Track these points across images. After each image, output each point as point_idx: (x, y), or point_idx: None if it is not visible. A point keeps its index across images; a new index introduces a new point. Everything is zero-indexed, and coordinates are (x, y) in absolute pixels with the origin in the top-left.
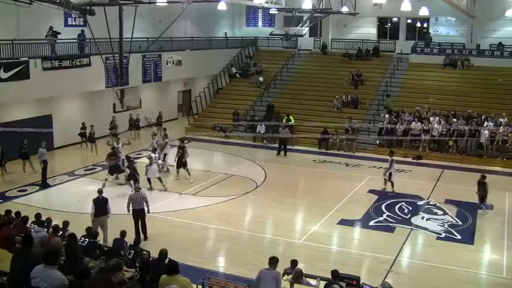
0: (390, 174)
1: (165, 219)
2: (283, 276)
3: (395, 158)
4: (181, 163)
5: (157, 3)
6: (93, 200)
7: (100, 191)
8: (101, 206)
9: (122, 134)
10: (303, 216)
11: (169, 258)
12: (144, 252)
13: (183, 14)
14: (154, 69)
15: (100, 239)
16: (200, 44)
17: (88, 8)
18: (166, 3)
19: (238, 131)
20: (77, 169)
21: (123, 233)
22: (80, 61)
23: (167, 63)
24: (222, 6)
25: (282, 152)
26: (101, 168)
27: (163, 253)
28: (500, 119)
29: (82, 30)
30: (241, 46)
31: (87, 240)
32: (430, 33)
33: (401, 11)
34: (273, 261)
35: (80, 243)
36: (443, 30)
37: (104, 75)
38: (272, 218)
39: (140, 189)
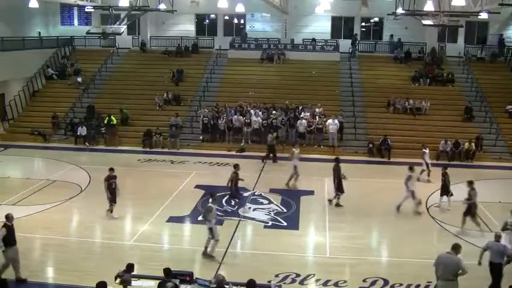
0: None
1: None
2: (115, 280)
3: None
4: None
5: None
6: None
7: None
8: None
9: None
10: (131, 217)
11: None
12: None
13: None
14: None
15: None
16: (12, 45)
17: None
18: None
19: (58, 134)
20: None
21: None
22: None
23: None
24: (33, 3)
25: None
26: None
27: None
28: (316, 109)
29: None
30: (57, 46)
31: None
32: (245, 28)
33: (218, 7)
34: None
35: None
36: (259, 26)
37: None
38: (100, 221)
39: None
